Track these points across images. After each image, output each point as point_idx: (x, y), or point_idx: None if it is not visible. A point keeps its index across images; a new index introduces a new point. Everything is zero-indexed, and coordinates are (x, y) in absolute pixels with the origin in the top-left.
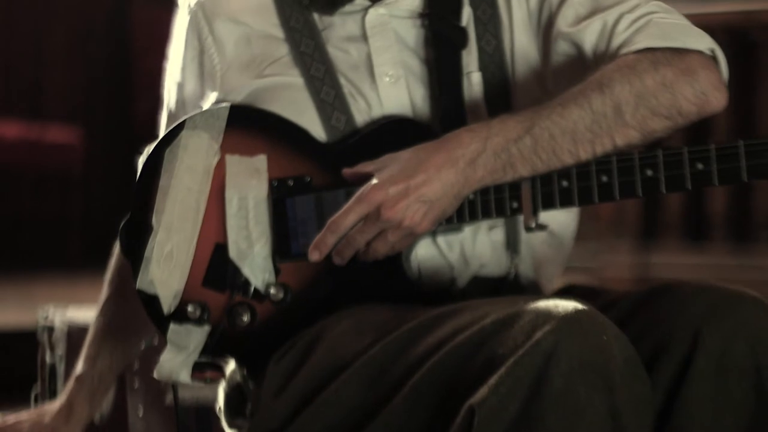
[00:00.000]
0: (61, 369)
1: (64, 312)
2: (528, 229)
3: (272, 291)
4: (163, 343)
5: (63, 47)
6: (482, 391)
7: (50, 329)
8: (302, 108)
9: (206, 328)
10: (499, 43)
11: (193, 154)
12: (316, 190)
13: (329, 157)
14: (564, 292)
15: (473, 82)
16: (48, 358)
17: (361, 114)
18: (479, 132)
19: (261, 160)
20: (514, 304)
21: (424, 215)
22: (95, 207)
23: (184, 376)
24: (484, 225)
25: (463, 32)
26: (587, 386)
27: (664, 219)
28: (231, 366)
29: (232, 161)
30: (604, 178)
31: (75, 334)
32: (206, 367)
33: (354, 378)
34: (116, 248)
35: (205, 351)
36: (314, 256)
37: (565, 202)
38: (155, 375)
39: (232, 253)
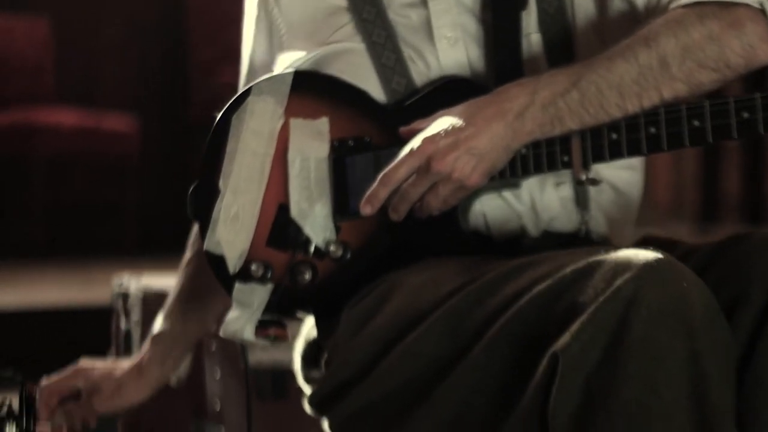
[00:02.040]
0: (136, 335)
1: (139, 279)
2: (579, 182)
3: (332, 248)
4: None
5: (119, 36)
6: (564, 338)
7: (125, 296)
8: (364, 73)
9: (269, 287)
10: (561, 4)
11: (259, 118)
12: (375, 149)
13: (388, 118)
14: (641, 244)
15: (533, 43)
16: (123, 325)
17: (421, 76)
18: (527, 86)
19: (323, 123)
20: (593, 254)
21: (474, 168)
22: (151, 195)
23: (248, 333)
24: (550, 180)
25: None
26: (668, 333)
27: (723, 201)
28: (309, 321)
29: (296, 124)
30: (652, 130)
31: (151, 301)
32: (270, 325)
33: (433, 328)
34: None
35: (268, 309)
36: (366, 209)
37: (615, 155)
38: (221, 333)
39: (294, 212)
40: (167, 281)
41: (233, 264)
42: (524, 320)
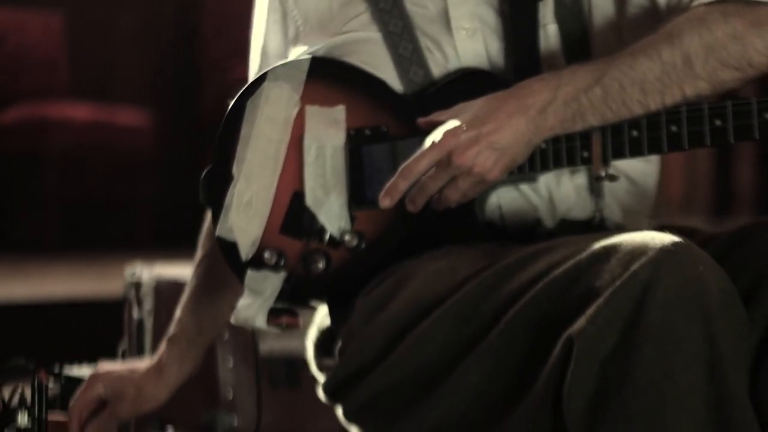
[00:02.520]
0: (149, 324)
1: (152, 268)
2: (598, 178)
3: (347, 238)
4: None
5: (133, 31)
6: (580, 322)
7: (137, 285)
8: (380, 62)
9: (282, 274)
10: None
11: (274, 104)
12: (392, 140)
13: (406, 108)
14: (657, 231)
15: (549, 34)
16: (135, 314)
17: (438, 67)
18: (550, 81)
19: (339, 111)
20: (609, 239)
21: (495, 162)
22: (164, 189)
23: (260, 321)
24: (565, 170)
25: None
26: (684, 317)
27: (736, 195)
28: (321, 310)
29: (312, 111)
30: (674, 128)
31: (163, 290)
32: (282, 313)
33: (448, 314)
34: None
35: (281, 297)
36: (385, 201)
37: (635, 152)
38: (232, 320)
39: (309, 200)
40: (180, 270)
41: (246, 251)
42: (540, 305)
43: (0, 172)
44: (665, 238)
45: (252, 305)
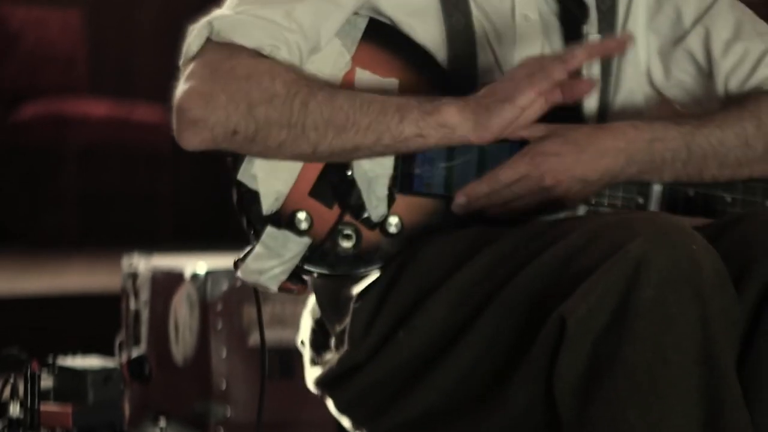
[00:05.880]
0: (145, 315)
1: (148, 259)
2: None
3: (388, 221)
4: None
5: (152, 27)
6: (571, 300)
7: (134, 276)
8: (431, 29)
9: (306, 240)
10: (614, 4)
11: (322, 58)
12: None
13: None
14: None
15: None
16: (132, 305)
17: (485, 50)
18: (644, 132)
19: (392, 84)
20: (602, 218)
21: (576, 193)
22: (184, 185)
23: (273, 284)
24: None
25: (584, 6)
26: (677, 295)
27: None
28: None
29: (363, 77)
30: (728, 198)
31: (160, 280)
32: (292, 278)
33: (441, 301)
34: None
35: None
36: (461, 200)
37: (688, 211)
38: (239, 272)
39: (357, 172)
40: (177, 261)
41: (268, 203)
42: (532, 285)
43: (19, 168)
44: (658, 218)
45: (265, 263)
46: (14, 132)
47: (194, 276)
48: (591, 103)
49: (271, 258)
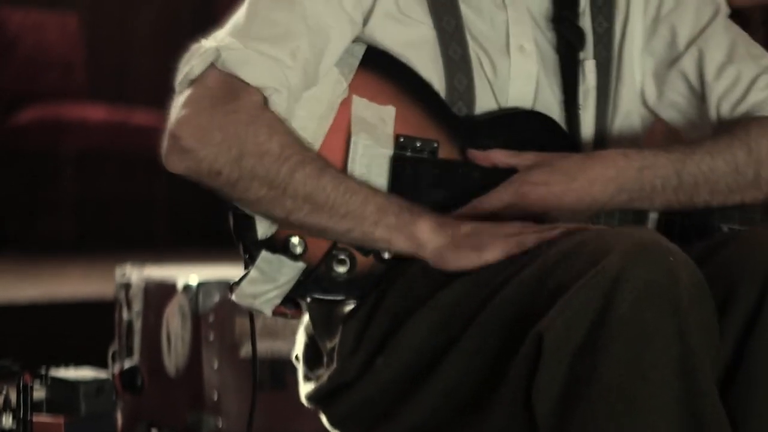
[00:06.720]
0: (137, 325)
1: (141, 270)
2: None
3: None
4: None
5: (149, 32)
6: (548, 317)
7: (127, 286)
8: (430, 62)
9: (301, 266)
10: (610, 26)
11: (320, 85)
12: (442, 161)
13: (460, 130)
14: None
15: (587, 69)
16: (125, 315)
17: (482, 81)
18: (634, 160)
19: (389, 111)
20: (579, 235)
21: (564, 221)
22: (180, 190)
23: (267, 308)
24: None
25: (580, 32)
26: (654, 310)
27: None
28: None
29: (360, 104)
30: (725, 228)
31: (152, 291)
32: (287, 302)
33: (424, 320)
34: None
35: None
36: None
37: (683, 238)
38: (233, 295)
39: None
40: (169, 272)
41: (263, 228)
42: (511, 305)
43: (16, 173)
44: (635, 232)
45: (260, 287)
46: (11, 136)
47: (186, 287)
48: (587, 129)
49: (266, 282)
